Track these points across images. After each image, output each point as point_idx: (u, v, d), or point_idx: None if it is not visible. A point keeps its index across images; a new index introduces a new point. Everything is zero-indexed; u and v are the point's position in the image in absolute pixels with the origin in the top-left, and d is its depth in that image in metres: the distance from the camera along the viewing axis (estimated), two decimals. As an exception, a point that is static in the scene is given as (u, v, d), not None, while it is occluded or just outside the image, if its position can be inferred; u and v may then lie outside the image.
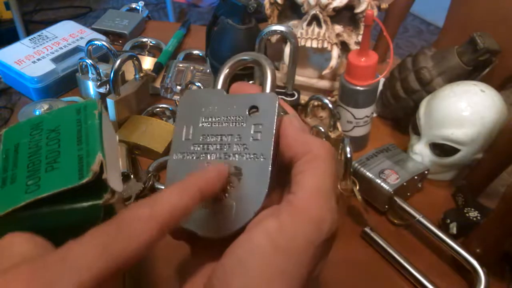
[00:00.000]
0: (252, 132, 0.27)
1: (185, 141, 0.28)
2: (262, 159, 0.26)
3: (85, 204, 0.29)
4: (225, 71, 0.31)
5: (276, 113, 0.27)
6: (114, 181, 0.30)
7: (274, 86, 0.29)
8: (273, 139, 0.26)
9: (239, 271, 0.22)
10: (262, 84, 0.29)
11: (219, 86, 0.30)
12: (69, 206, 0.29)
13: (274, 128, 0.26)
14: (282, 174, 0.26)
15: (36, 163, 0.31)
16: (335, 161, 0.26)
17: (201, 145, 0.28)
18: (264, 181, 0.25)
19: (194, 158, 0.28)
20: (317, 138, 0.26)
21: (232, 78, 0.31)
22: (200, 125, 0.28)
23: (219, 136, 0.27)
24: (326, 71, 0.58)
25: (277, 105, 0.27)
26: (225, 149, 0.27)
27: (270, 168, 0.26)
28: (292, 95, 0.58)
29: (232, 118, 0.28)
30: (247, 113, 0.27)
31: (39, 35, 0.72)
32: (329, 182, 0.24)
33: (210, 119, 0.28)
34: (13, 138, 0.34)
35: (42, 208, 0.29)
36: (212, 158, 0.27)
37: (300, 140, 0.26)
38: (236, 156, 0.27)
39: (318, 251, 0.23)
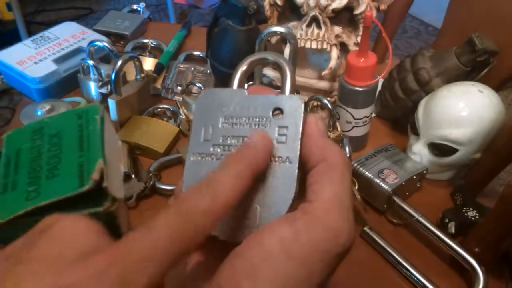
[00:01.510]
0: (276, 134, 0.26)
1: (204, 142, 0.27)
2: (288, 163, 0.25)
3: (85, 211, 0.29)
4: (242, 68, 0.29)
5: (302, 116, 0.26)
6: (115, 188, 0.30)
7: (294, 88, 0.28)
8: (299, 142, 0.25)
9: (250, 275, 0.21)
10: (281, 86, 0.28)
11: (235, 82, 0.29)
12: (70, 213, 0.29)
13: (301, 131, 0.25)
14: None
15: (37, 169, 0.31)
16: (351, 172, 0.25)
17: (222, 146, 0.27)
18: (291, 186, 0.25)
19: (214, 159, 0.26)
20: (334, 145, 0.25)
21: (231, 78, 0.30)
22: (220, 125, 0.27)
23: (240, 138, 0.26)
24: (325, 72, 0.59)
25: (303, 108, 0.26)
26: None
27: (296, 173, 0.25)
28: (292, 96, 0.58)
29: (254, 119, 0.27)
30: (270, 114, 0.26)
31: (41, 36, 0.72)
32: (346, 193, 0.24)
33: (230, 120, 0.27)
34: (15, 143, 0.33)
35: (43, 215, 0.29)
36: None
37: (318, 144, 0.25)
38: None
39: (333, 263, 0.23)
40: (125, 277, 0.18)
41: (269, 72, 0.64)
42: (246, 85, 0.34)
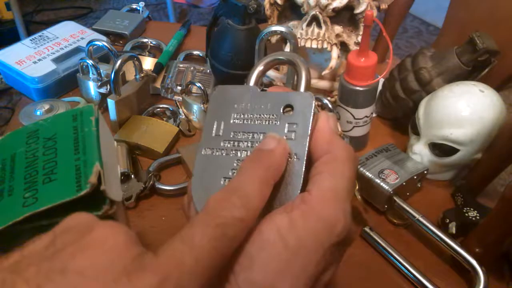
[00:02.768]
0: (286, 131, 0.26)
1: (215, 137, 0.28)
2: (295, 159, 0.25)
3: None
4: (259, 68, 0.30)
5: (312, 114, 0.26)
6: (113, 191, 0.30)
7: (308, 86, 0.28)
8: (308, 139, 0.26)
9: (246, 265, 0.22)
10: (296, 84, 0.28)
11: (252, 83, 0.30)
12: None
13: (310, 128, 0.26)
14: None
15: (33, 174, 0.30)
16: (355, 166, 0.25)
17: (232, 142, 0.27)
18: (297, 182, 0.25)
19: (224, 154, 0.27)
20: (341, 140, 0.26)
21: (231, 79, 0.31)
22: (232, 121, 0.28)
23: (250, 134, 0.27)
24: (325, 72, 0.59)
25: (313, 105, 0.26)
26: (256, 147, 0.26)
27: (303, 169, 0.25)
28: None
29: (265, 116, 0.27)
30: (281, 111, 0.27)
31: (40, 36, 0.72)
32: (345, 185, 0.24)
33: (242, 116, 0.28)
34: (9, 147, 0.33)
35: (41, 221, 0.28)
36: (242, 156, 0.27)
37: (325, 139, 0.26)
38: None
39: (328, 253, 0.23)
40: None
41: (269, 72, 0.64)
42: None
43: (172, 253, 0.19)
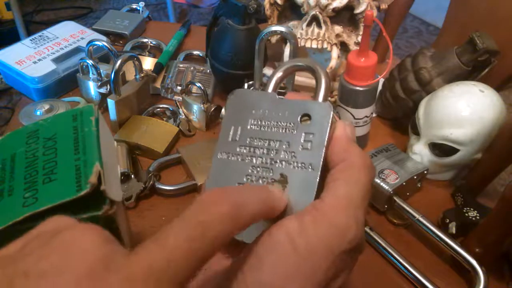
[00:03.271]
0: (302, 140, 0.26)
1: (231, 142, 0.28)
2: (310, 170, 0.25)
3: (84, 215, 0.29)
4: (278, 74, 0.30)
5: (329, 124, 0.26)
6: (113, 191, 0.30)
7: (327, 95, 0.28)
8: (323, 150, 0.25)
9: (256, 266, 0.22)
10: (315, 92, 0.28)
11: (270, 89, 0.30)
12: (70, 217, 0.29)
13: (326, 139, 0.26)
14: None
15: (33, 174, 0.30)
16: (372, 174, 0.25)
17: (248, 148, 0.27)
18: (311, 193, 0.25)
19: (239, 159, 0.27)
20: (358, 148, 0.26)
21: (231, 79, 0.31)
22: (249, 127, 0.28)
23: (266, 141, 0.27)
24: (326, 72, 0.58)
25: (331, 115, 0.26)
26: (271, 155, 0.27)
27: (318, 180, 0.25)
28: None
29: (282, 123, 0.27)
30: (298, 120, 0.27)
31: (40, 36, 0.72)
32: (360, 193, 0.24)
33: (259, 122, 0.28)
34: (9, 147, 0.33)
35: (41, 221, 0.28)
36: (257, 162, 0.27)
37: (342, 147, 0.26)
38: (283, 163, 0.26)
39: (338, 259, 0.23)
40: None
41: (268, 72, 0.64)
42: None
43: (144, 254, 0.18)
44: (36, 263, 0.18)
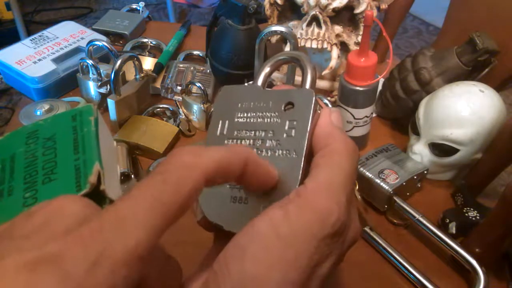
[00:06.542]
0: (286, 128, 0.26)
1: (219, 136, 0.28)
2: (294, 156, 0.25)
3: None
4: (266, 69, 0.30)
5: (311, 110, 0.26)
6: (113, 190, 0.30)
7: (314, 83, 0.28)
8: (307, 136, 0.26)
9: (239, 256, 0.22)
10: (302, 82, 0.29)
11: (259, 84, 0.30)
12: None
13: (309, 125, 0.26)
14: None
15: (33, 174, 0.30)
16: (355, 159, 0.25)
17: (235, 140, 0.28)
18: (295, 179, 0.25)
19: None
20: (342, 134, 0.26)
21: (231, 79, 0.31)
22: (236, 120, 0.28)
23: (253, 132, 0.27)
24: (325, 72, 0.59)
25: (313, 101, 0.26)
26: (257, 145, 0.27)
27: (301, 166, 0.25)
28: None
29: (267, 114, 0.27)
30: (282, 108, 0.27)
31: (40, 36, 0.72)
32: (342, 177, 0.24)
33: (245, 114, 0.28)
34: (9, 147, 0.33)
35: None
36: None
37: (326, 131, 0.26)
38: (269, 151, 0.26)
39: (322, 244, 0.23)
40: (109, 242, 0.18)
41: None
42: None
43: (112, 208, 0.19)
44: (22, 228, 0.19)
